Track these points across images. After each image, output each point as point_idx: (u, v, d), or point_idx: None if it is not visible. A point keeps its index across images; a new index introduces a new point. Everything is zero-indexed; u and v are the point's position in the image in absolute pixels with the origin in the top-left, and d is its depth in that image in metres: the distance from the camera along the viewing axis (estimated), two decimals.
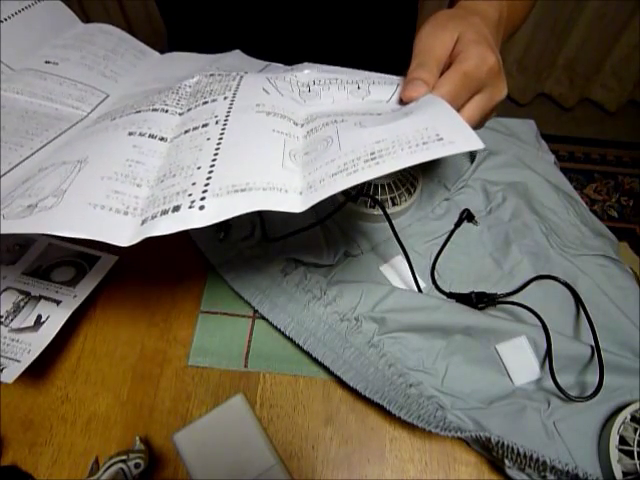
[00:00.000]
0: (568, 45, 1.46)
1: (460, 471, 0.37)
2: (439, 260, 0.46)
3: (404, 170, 0.48)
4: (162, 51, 0.47)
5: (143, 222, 0.25)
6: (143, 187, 0.28)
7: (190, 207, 0.24)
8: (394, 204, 0.48)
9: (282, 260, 0.44)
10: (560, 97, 1.63)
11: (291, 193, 0.26)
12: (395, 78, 0.34)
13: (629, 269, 0.46)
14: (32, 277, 0.42)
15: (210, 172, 0.26)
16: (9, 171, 0.32)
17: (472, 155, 0.54)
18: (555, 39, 1.44)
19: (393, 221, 0.42)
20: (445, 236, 0.48)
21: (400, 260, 0.45)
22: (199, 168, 0.27)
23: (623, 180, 1.51)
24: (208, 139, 0.29)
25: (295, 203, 0.25)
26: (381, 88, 0.34)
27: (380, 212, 0.42)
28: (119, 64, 0.43)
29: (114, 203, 0.26)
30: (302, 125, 0.32)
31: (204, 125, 0.31)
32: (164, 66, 0.44)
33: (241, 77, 0.36)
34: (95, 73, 0.41)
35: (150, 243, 0.25)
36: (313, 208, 0.25)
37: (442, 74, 0.31)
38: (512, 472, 0.34)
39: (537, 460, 0.32)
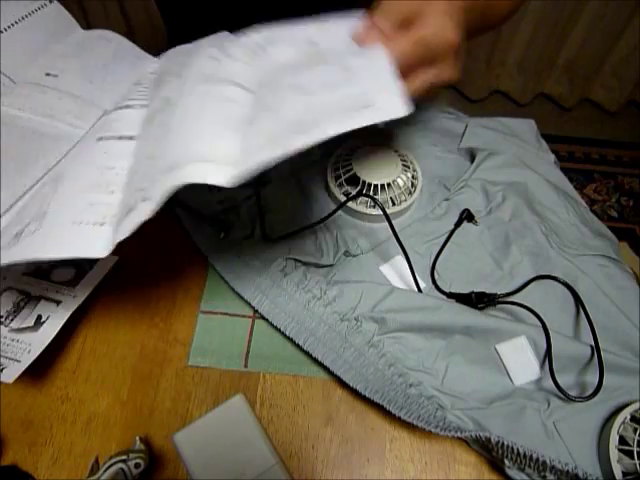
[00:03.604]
0: (568, 45, 1.46)
1: (460, 471, 0.37)
2: (439, 260, 0.46)
3: (404, 170, 0.48)
4: (162, 51, 0.47)
5: (115, 229, 0.25)
6: (116, 193, 0.28)
7: (143, 201, 0.24)
8: (394, 204, 0.48)
9: (282, 260, 0.44)
10: (560, 97, 1.63)
11: (222, 165, 0.25)
12: (354, 15, 0.33)
13: (629, 269, 0.46)
14: (32, 277, 0.42)
15: (153, 158, 0.26)
16: (14, 204, 0.31)
17: (472, 155, 0.54)
18: (555, 39, 1.44)
19: (393, 221, 0.42)
20: (445, 236, 0.48)
21: (400, 260, 0.45)
22: (152, 158, 0.26)
23: (623, 180, 1.51)
24: (160, 125, 0.29)
25: (226, 175, 0.25)
26: (334, 32, 0.33)
27: (380, 212, 0.42)
28: (117, 75, 0.42)
29: (91, 216, 0.26)
30: (251, 91, 0.31)
31: (161, 111, 0.30)
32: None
33: (197, 52, 0.34)
34: (94, 87, 0.41)
35: (150, 243, 0.25)
36: (313, 208, 0.25)
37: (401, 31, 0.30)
38: (512, 472, 0.34)
39: (537, 460, 0.32)
